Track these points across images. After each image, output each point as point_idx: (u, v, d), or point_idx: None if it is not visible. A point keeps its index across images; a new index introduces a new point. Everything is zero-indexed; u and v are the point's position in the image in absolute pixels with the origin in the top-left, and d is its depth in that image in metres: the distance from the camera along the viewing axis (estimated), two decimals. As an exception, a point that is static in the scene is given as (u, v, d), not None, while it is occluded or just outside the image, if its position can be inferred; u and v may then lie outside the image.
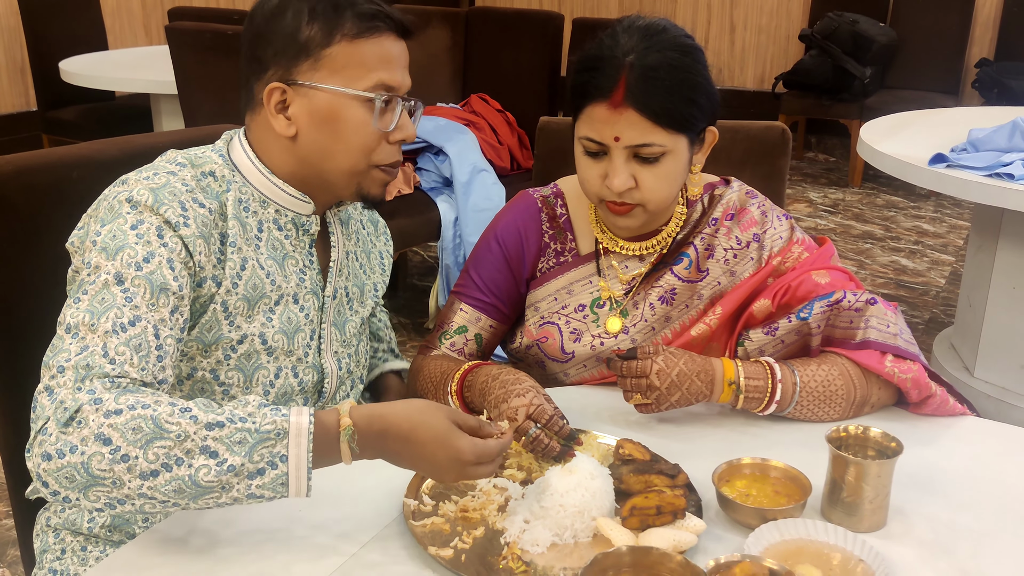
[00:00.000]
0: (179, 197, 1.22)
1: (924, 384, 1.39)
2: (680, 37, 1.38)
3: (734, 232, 1.50)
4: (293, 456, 1.06)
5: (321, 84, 1.27)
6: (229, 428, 1.04)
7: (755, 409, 1.38)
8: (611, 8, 7.15)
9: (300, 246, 1.37)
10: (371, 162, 1.31)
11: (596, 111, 1.36)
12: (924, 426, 1.41)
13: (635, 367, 1.35)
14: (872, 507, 1.16)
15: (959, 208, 5.39)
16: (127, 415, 1.03)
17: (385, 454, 1.13)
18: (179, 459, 1.03)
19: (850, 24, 5.72)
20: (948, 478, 1.28)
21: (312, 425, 1.07)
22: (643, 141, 1.35)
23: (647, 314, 1.50)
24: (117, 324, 1.12)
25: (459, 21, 4.45)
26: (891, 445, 1.19)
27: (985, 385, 3.14)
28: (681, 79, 1.35)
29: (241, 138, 1.35)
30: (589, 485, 1.15)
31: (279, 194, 1.33)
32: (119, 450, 1.02)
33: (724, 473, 1.22)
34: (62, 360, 1.09)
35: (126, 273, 1.15)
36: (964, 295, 3.34)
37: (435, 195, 3.62)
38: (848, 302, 1.40)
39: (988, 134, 2.87)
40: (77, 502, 1.05)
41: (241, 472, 1.04)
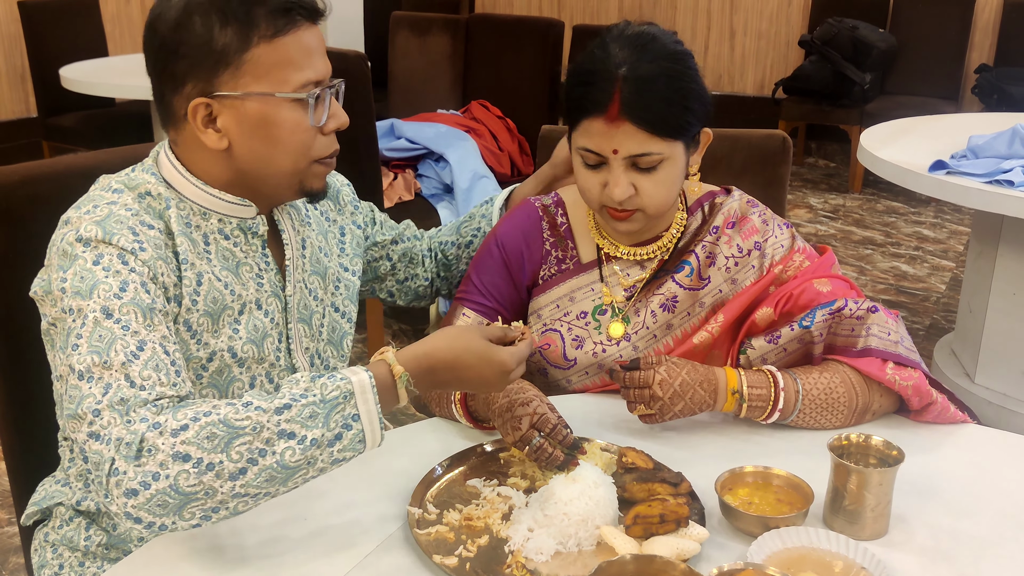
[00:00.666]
0: (127, 224, 1.19)
1: (925, 391, 1.40)
2: (670, 44, 1.39)
3: (735, 240, 1.51)
4: (364, 412, 1.10)
5: (247, 92, 1.22)
6: (296, 407, 1.06)
7: (758, 418, 1.39)
8: (611, 15, 7.17)
9: (252, 250, 1.33)
10: (310, 159, 1.29)
11: (593, 125, 1.37)
12: (925, 434, 1.41)
13: (638, 378, 1.36)
14: (874, 515, 1.17)
15: (959, 214, 5.40)
16: (194, 428, 1.04)
17: (436, 385, 1.21)
18: (262, 450, 1.05)
19: (850, 30, 5.73)
20: (949, 486, 1.29)
21: (372, 380, 1.11)
22: (641, 151, 1.37)
23: (648, 321, 1.50)
24: (128, 353, 1.10)
25: (459, 28, 4.46)
26: (892, 453, 1.20)
27: (986, 391, 3.14)
28: (675, 88, 1.36)
29: (168, 152, 1.30)
30: (593, 494, 1.16)
31: (217, 203, 1.29)
32: (202, 461, 1.03)
33: (727, 481, 1.22)
34: (91, 405, 1.07)
35: (111, 305, 1.13)
36: (964, 301, 3.35)
37: (436, 202, 3.63)
38: (850, 310, 1.41)
39: (988, 141, 2.88)
40: (174, 526, 1.05)
41: (322, 443, 1.07)
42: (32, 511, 1.42)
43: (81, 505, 1.37)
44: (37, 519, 1.45)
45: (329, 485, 1.27)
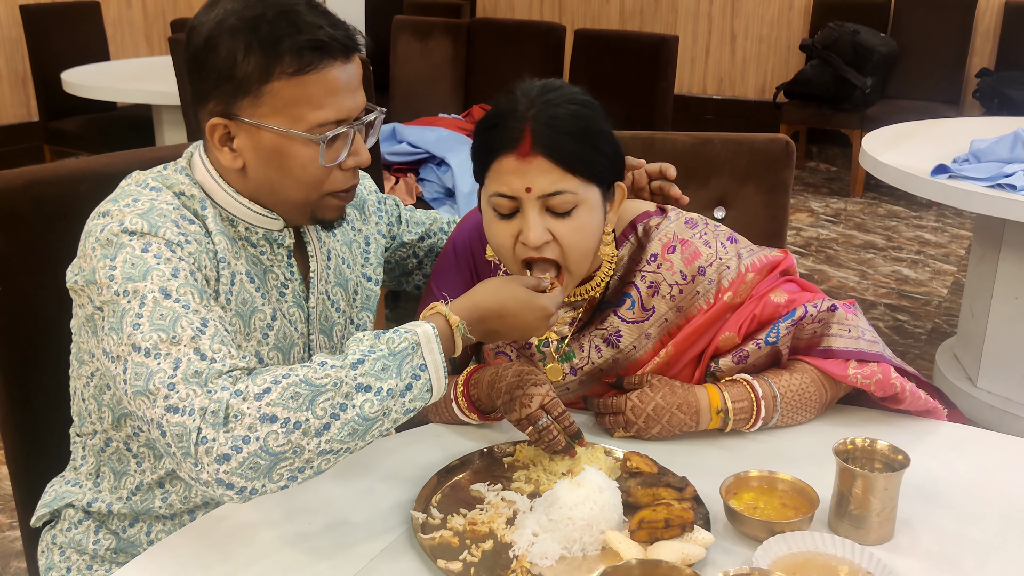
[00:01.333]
0: (170, 217, 1.21)
1: (888, 385, 1.41)
2: (576, 93, 1.35)
3: (677, 266, 1.45)
4: (430, 362, 1.14)
5: (263, 123, 1.22)
6: (369, 361, 1.10)
7: (741, 428, 1.40)
8: (612, 19, 7.18)
9: (277, 260, 1.35)
10: (323, 192, 1.29)
11: (504, 164, 1.31)
12: (929, 438, 1.41)
13: (610, 404, 1.39)
14: (879, 519, 1.17)
15: (961, 218, 5.40)
16: (276, 390, 1.06)
17: (485, 334, 1.25)
18: (343, 404, 1.08)
19: (851, 34, 5.74)
20: (954, 490, 1.28)
21: (435, 330, 1.16)
22: (555, 189, 1.30)
23: (593, 357, 1.47)
24: (195, 329, 1.12)
25: (461, 32, 4.47)
26: (898, 458, 1.20)
27: (988, 395, 3.14)
28: (584, 127, 1.32)
29: (202, 156, 1.31)
30: (597, 498, 1.15)
31: (246, 212, 1.30)
32: (289, 420, 1.05)
33: (732, 486, 1.22)
34: (164, 379, 1.08)
35: (168, 286, 1.14)
36: (966, 305, 3.35)
37: (437, 206, 3.63)
38: (810, 316, 1.41)
39: (990, 145, 2.88)
40: (263, 489, 1.07)
41: (396, 393, 1.11)
42: (42, 512, 1.42)
43: (92, 506, 1.37)
44: (46, 520, 1.45)
45: (333, 492, 1.27)
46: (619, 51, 4.02)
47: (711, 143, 1.97)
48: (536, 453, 1.33)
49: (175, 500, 1.36)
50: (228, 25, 1.19)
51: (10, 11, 5.67)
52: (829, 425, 1.43)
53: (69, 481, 1.41)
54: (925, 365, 3.58)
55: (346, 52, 1.24)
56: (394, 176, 3.71)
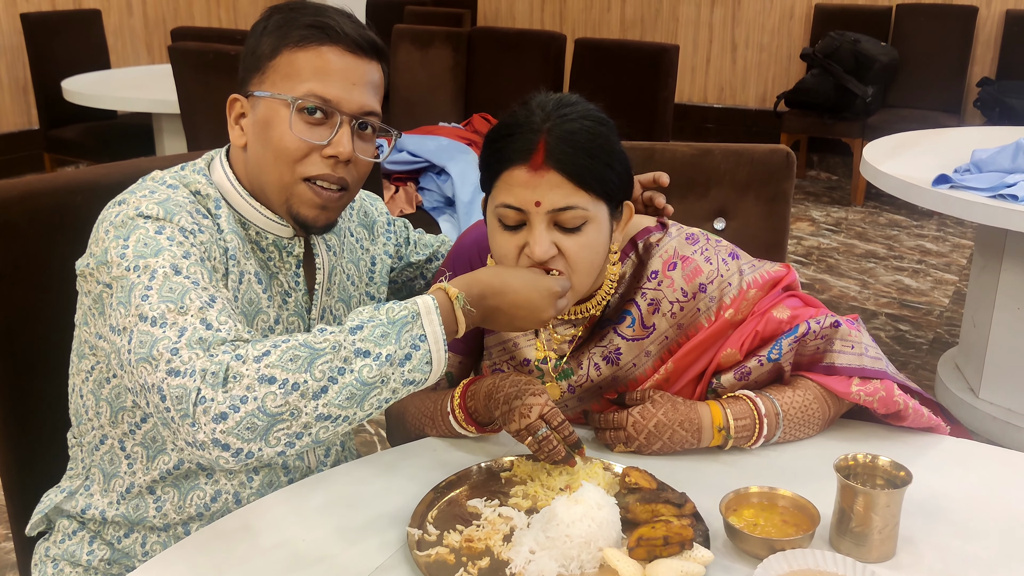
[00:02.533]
0: (185, 208, 1.24)
1: (891, 402, 1.39)
2: (592, 110, 1.34)
3: (678, 284, 1.44)
4: (430, 333, 1.13)
5: (260, 93, 1.29)
6: (368, 328, 1.10)
7: (743, 446, 1.38)
8: (613, 28, 7.18)
9: (285, 268, 1.37)
10: (297, 173, 1.29)
11: (515, 175, 1.29)
12: (931, 452, 1.40)
13: (611, 419, 1.37)
14: (881, 537, 1.15)
15: (962, 227, 5.39)
16: (276, 352, 1.07)
17: (487, 313, 1.22)
18: (341, 368, 1.07)
19: (852, 43, 5.74)
20: (957, 506, 1.27)
21: (436, 302, 1.15)
22: (565, 204, 1.28)
23: (592, 375, 1.45)
24: (203, 300, 1.14)
25: (461, 41, 4.47)
26: (900, 474, 1.18)
27: (990, 407, 3.12)
28: (598, 144, 1.31)
29: (223, 159, 1.36)
30: (595, 515, 1.14)
31: (258, 217, 1.33)
32: (287, 382, 1.06)
33: (731, 502, 1.21)
34: (168, 346, 1.09)
35: (179, 264, 1.17)
36: (968, 316, 3.34)
37: (437, 215, 3.62)
38: (813, 332, 1.40)
39: (991, 155, 2.87)
40: (260, 452, 1.07)
41: (395, 360, 1.10)
42: (36, 520, 1.42)
43: (86, 513, 1.36)
44: (41, 530, 1.44)
45: (326, 507, 1.26)
46: (620, 60, 4.02)
47: (711, 154, 1.96)
48: (534, 468, 1.32)
49: (169, 509, 1.35)
50: (262, 17, 1.32)
51: (11, 19, 5.68)
52: (830, 440, 1.41)
53: (64, 490, 1.40)
54: (926, 375, 3.56)
55: (352, 44, 1.28)
56: (394, 185, 3.70)
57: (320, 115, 1.28)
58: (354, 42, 1.29)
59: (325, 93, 1.27)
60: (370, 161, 1.35)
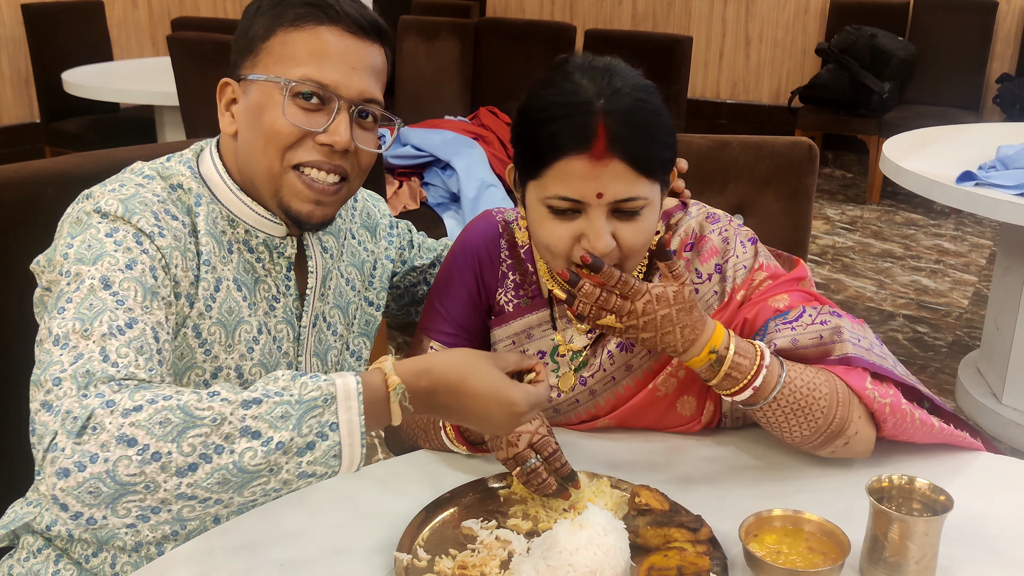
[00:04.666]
0: (151, 207, 1.15)
1: (900, 411, 1.24)
2: (636, 75, 1.21)
3: (694, 264, 1.34)
4: (344, 422, 0.96)
5: (253, 76, 1.21)
6: (267, 403, 0.94)
7: (727, 390, 1.20)
8: (624, 19, 7.07)
9: (275, 270, 1.28)
10: (287, 160, 1.20)
11: (572, 165, 1.16)
12: (969, 471, 1.28)
13: (630, 285, 1.16)
14: (918, 568, 1.04)
15: (981, 226, 5.27)
16: (149, 410, 0.92)
17: (433, 409, 1.06)
18: (219, 446, 0.92)
19: (868, 38, 5.61)
20: (999, 532, 1.16)
21: (360, 386, 0.97)
22: (629, 195, 1.17)
23: (606, 363, 1.35)
24: (113, 327, 1.02)
25: (468, 32, 4.36)
26: (939, 499, 1.07)
27: (1014, 412, 3.01)
28: (655, 121, 1.18)
29: (212, 150, 1.27)
30: (602, 542, 1.03)
31: (249, 214, 1.24)
32: (147, 448, 0.90)
33: (752, 526, 1.09)
34: (55, 372, 0.98)
35: (113, 277, 1.06)
36: (991, 318, 3.22)
37: (442, 211, 3.52)
38: (810, 317, 1.26)
39: (1018, 151, 2.77)
40: (104, 521, 0.92)
41: (290, 449, 0.93)
42: (0, 535, 1.32)
43: (51, 530, 1.27)
44: (4, 545, 1.34)
45: (308, 526, 1.15)
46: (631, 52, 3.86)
47: (729, 146, 1.85)
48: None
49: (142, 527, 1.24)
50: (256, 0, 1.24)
51: (12, 10, 5.60)
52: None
53: (31, 503, 1.31)
54: (946, 379, 3.45)
55: (352, 25, 1.20)
56: (397, 180, 3.60)
57: (316, 101, 1.19)
58: (355, 22, 1.20)
59: (322, 77, 1.18)
60: (372, 152, 1.25)
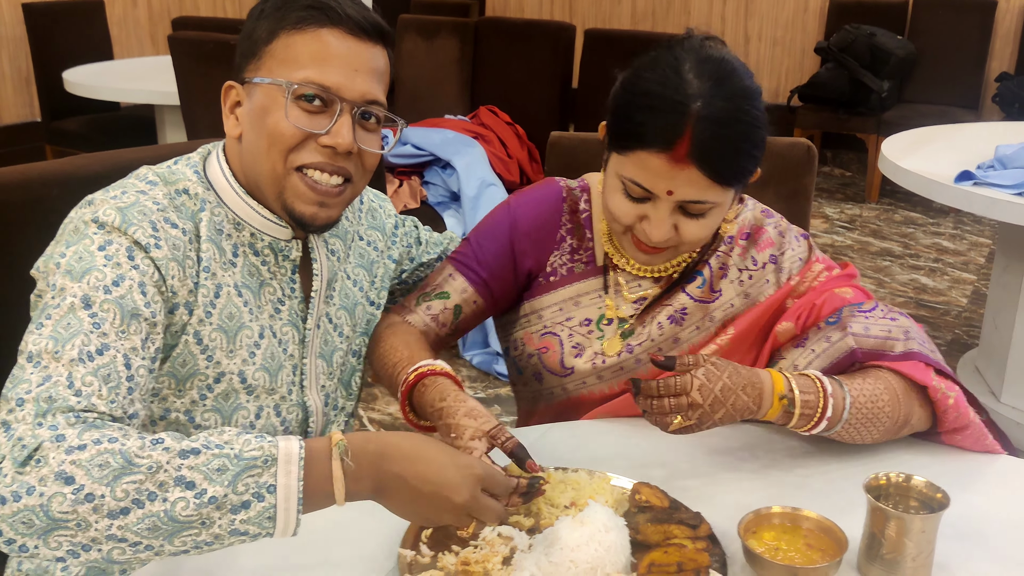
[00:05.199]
0: (149, 216, 1.14)
1: (963, 410, 1.28)
2: (746, 80, 1.26)
3: (750, 252, 1.42)
4: (282, 486, 0.94)
5: (258, 79, 1.21)
6: (206, 455, 0.93)
7: (803, 428, 1.22)
8: (623, 19, 7.07)
9: (280, 273, 1.28)
10: (290, 162, 1.20)
11: (651, 160, 1.22)
12: (967, 470, 1.30)
13: (674, 384, 1.18)
14: (915, 565, 1.06)
15: (979, 225, 5.28)
16: (92, 450, 0.92)
17: (384, 481, 1.00)
18: (152, 493, 0.91)
19: (867, 37, 5.62)
20: (995, 529, 1.17)
21: (303, 451, 0.96)
22: (699, 199, 1.25)
23: (654, 333, 1.40)
24: (84, 352, 1.02)
25: (468, 31, 4.37)
26: (936, 496, 1.09)
27: (1013, 411, 3.02)
28: (746, 134, 1.24)
29: (219, 154, 1.27)
30: (603, 539, 1.05)
31: (255, 217, 1.24)
32: (82, 489, 0.91)
33: (751, 523, 1.11)
34: (22, 392, 0.98)
35: (94, 296, 1.06)
36: (989, 317, 3.23)
37: (442, 210, 3.53)
38: (882, 311, 1.33)
39: (1016, 151, 2.77)
40: (36, 550, 0.92)
41: (223, 505, 0.92)
42: None
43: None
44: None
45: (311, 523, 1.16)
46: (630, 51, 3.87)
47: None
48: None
49: None
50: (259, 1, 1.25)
51: (13, 9, 5.59)
52: (859, 455, 1.31)
53: None
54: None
55: (355, 27, 1.20)
56: (398, 179, 3.61)
57: (319, 103, 1.19)
58: (357, 24, 1.20)
59: (324, 80, 1.18)
60: (376, 153, 1.25)
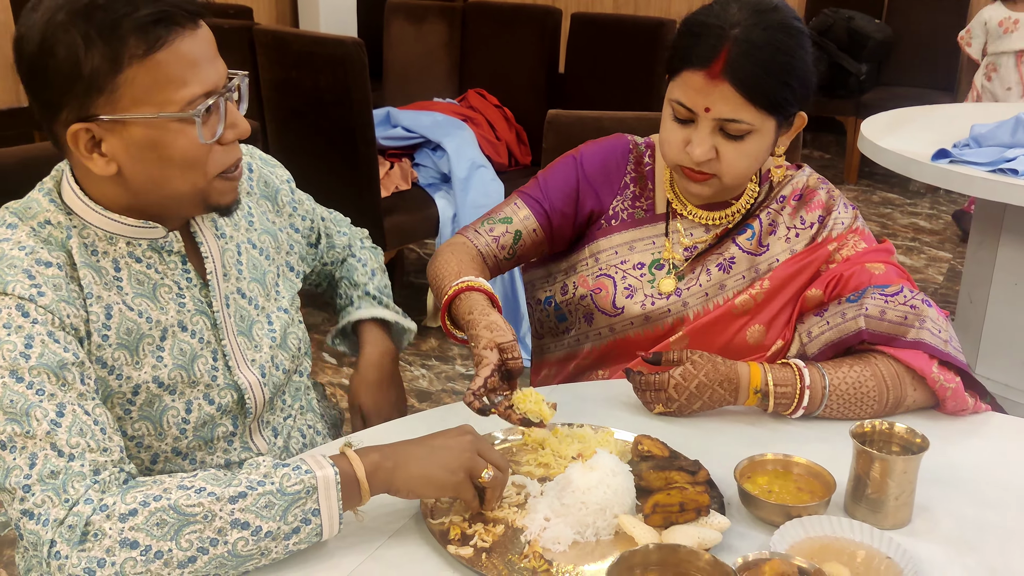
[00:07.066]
0: (21, 267, 1.09)
1: (961, 398, 1.37)
2: (789, 18, 1.38)
3: (800, 212, 1.51)
4: (325, 508, 1.06)
5: (127, 115, 1.09)
6: (252, 496, 1.03)
7: (784, 413, 1.37)
8: (605, 4, 7.13)
9: (170, 269, 1.23)
10: (209, 176, 1.16)
11: (692, 78, 1.36)
12: (946, 422, 1.38)
13: (653, 381, 1.36)
14: (897, 504, 1.14)
15: (955, 204, 5.39)
16: (143, 513, 1.00)
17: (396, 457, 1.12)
18: (213, 540, 1.01)
19: (846, 20, 5.71)
20: (972, 475, 1.26)
21: (338, 476, 1.07)
22: (733, 116, 1.36)
23: (703, 279, 1.51)
24: (49, 421, 1.03)
25: (456, 15, 4.42)
26: (916, 441, 1.17)
27: (987, 382, 3.08)
28: (781, 61, 1.35)
29: (69, 177, 1.18)
30: (611, 482, 1.13)
31: (121, 227, 1.18)
32: (150, 549, 0.99)
33: (746, 469, 1.20)
34: (19, 479, 1.01)
35: (19, 368, 1.04)
36: (965, 291, 3.33)
37: (433, 191, 3.60)
38: (904, 297, 1.38)
39: (991, 129, 2.86)
40: None
41: (278, 535, 1.04)
42: (3, 520, 1.38)
43: None
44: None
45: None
46: (616, 35, 3.98)
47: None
48: (544, 436, 1.31)
49: None
50: (59, 22, 1.05)
51: (-2, -5, 5.59)
52: (842, 409, 1.40)
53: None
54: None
55: (193, 19, 1.11)
56: (388, 161, 3.67)
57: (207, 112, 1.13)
58: (190, 14, 1.10)
59: (206, 87, 1.11)
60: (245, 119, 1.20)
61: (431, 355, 3.50)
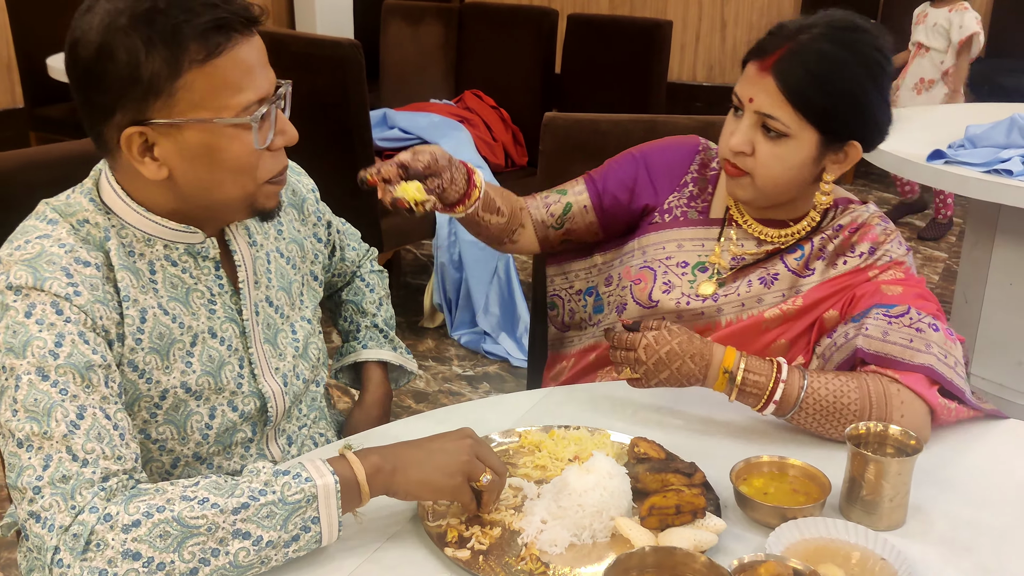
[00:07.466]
0: (60, 264, 1.10)
1: (953, 420, 1.36)
2: (868, 46, 1.39)
3: (852, 241, 1.47)
4: (324, 516, 1.07)
5: (184, 119, 1.11)
6: (254, 506, 1.03)
7: (753, 406, 1.31)
8: (601, 4, 7.14)
9: (203, 274, 1.25)
10: (259, 181, 1.18)
11: (749, 68, 1.43)
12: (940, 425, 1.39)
13: (626, 339, 1.34)
14: (892, 505, 1.15)
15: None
16: (146, 524, 1.00)
17: (397, 457, 1.13)
18: (215, 550, 1.01)
19: (841, 21, 5.71)
20: (966, 476, 1.27)
21: (338, 484, 1.07)
22: (770, 112, 1.39)
23: (742, 289, 1.50)
24: (68, 423, 1.04)
25: (452, 16, 4.43)
26: (910, 443, 1.18)
27: (982, 382, 3.13)
28: (836, 77, 1.37)
29: (108, 176, 1.19)
30: (607, 484, 1.14)
31: (161, 230, 1.20)
32: (152, 560, 0.99)
33: (741, 471, 1.20)
34: (31, 480, 1.02)
35: (46, 366, 1.05)
36: (960, 291, 3.34)
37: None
38: (910, 319, 1.33)
39: (986, 130, 2.87)
40: None
41: (278, 544, 1.04)
42: (7, 522, 1.38)
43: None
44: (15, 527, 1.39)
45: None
46: (613, 36, 3.99)
47: (714, 127, 1.94)
48: (541, 439, 1.31)
49: None
50: (120, 26, 1.07)
51: (-7, -5, 5.59)
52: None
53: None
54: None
55: (249, 26, 1.13)
56: (386, 162, 3.67)
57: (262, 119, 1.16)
58: (247, 21, 1.13)
59: (259, 94, 1.14)
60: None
61: (428, 356, 3.51)
